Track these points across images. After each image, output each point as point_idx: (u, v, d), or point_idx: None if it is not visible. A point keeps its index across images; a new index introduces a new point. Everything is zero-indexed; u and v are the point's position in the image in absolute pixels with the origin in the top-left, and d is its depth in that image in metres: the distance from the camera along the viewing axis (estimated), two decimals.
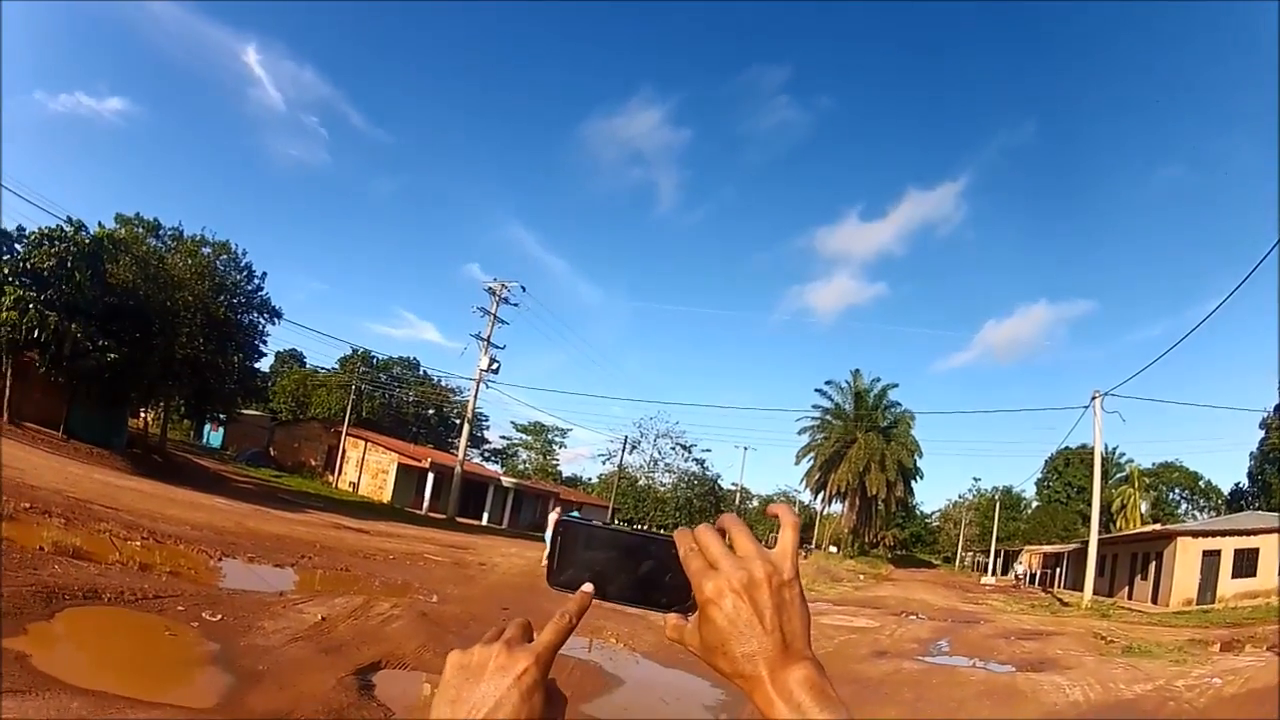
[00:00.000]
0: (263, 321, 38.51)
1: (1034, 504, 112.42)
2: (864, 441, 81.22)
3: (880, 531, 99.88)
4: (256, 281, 37.57)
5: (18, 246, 28.21)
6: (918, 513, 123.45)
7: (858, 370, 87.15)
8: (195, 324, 32.93)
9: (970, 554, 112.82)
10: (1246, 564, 38.40)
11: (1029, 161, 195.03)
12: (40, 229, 28.32)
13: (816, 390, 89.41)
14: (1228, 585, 37.67)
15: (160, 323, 30.79)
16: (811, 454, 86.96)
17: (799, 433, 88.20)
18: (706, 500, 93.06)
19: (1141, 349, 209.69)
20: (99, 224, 30.82)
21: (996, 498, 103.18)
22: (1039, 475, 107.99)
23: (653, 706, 11.65)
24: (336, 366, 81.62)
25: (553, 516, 45.72)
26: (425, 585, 17.07)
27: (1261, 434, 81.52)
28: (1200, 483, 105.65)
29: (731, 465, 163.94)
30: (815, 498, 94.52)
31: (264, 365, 58.46)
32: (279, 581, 13.90)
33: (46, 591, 8.96)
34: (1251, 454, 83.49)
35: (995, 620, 29.75)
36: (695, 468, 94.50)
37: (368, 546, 21.29)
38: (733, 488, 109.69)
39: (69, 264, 27.36)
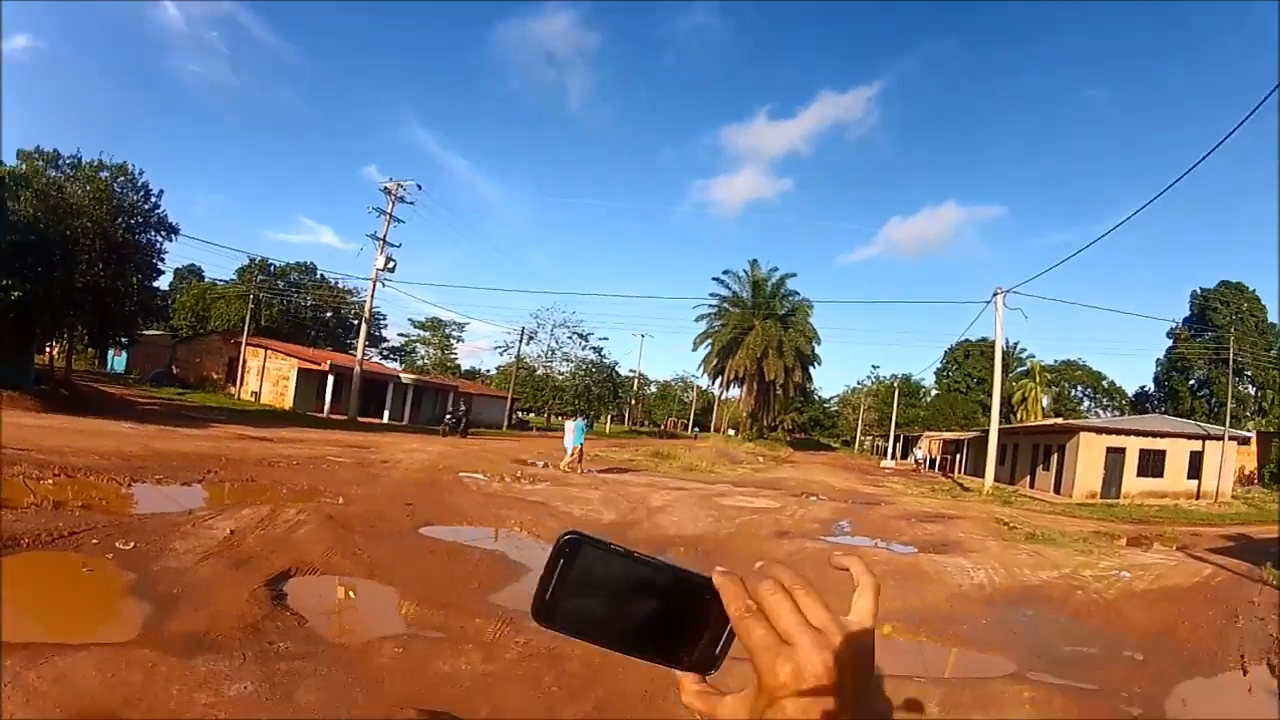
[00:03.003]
0: (160, 240, 37.69)
1: (933, 393, 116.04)
2: (761, 328, 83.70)
3: (779, 415, 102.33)
4: (154, 200, 36.78)
5: None
6: (816, 398, 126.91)
7: (755, 260, 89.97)
8: (95, 250, 32.00)
9: (870, 438, 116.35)
10: (1153, 465, 40.55)
11: (948, 73, 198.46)
12: None
13: (714, 279, 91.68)
14: (1133, 483, 39.83)
15: (60, 253, 29.87)
16: (709, 340, 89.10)
17: (697, 319, 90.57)
18: (604, 387, 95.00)
19: (1049, 254, 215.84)
20: None
21: (896, 385, 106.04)
22: (939, 365, 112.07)
23: None
24: (235, 278, 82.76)
25: (449, 417, 46.76)
26: (330, 488, 17.01)
27: (1169, 343, 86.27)
28: (1104, 382, 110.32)
29: (629, 352, 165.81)
30: (713, 382, 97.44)
31: (163, 284, 58.53)
32: (188, 500, 13.68)
33: None
34: (1158, 361, 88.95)
35: (896, 503, 30.78)
36: (593, 355, 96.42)
37: (272, 454, 21.14)
38: (631, 374, 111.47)
39: None
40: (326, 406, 54.44)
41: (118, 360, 67.74)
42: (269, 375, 56.81)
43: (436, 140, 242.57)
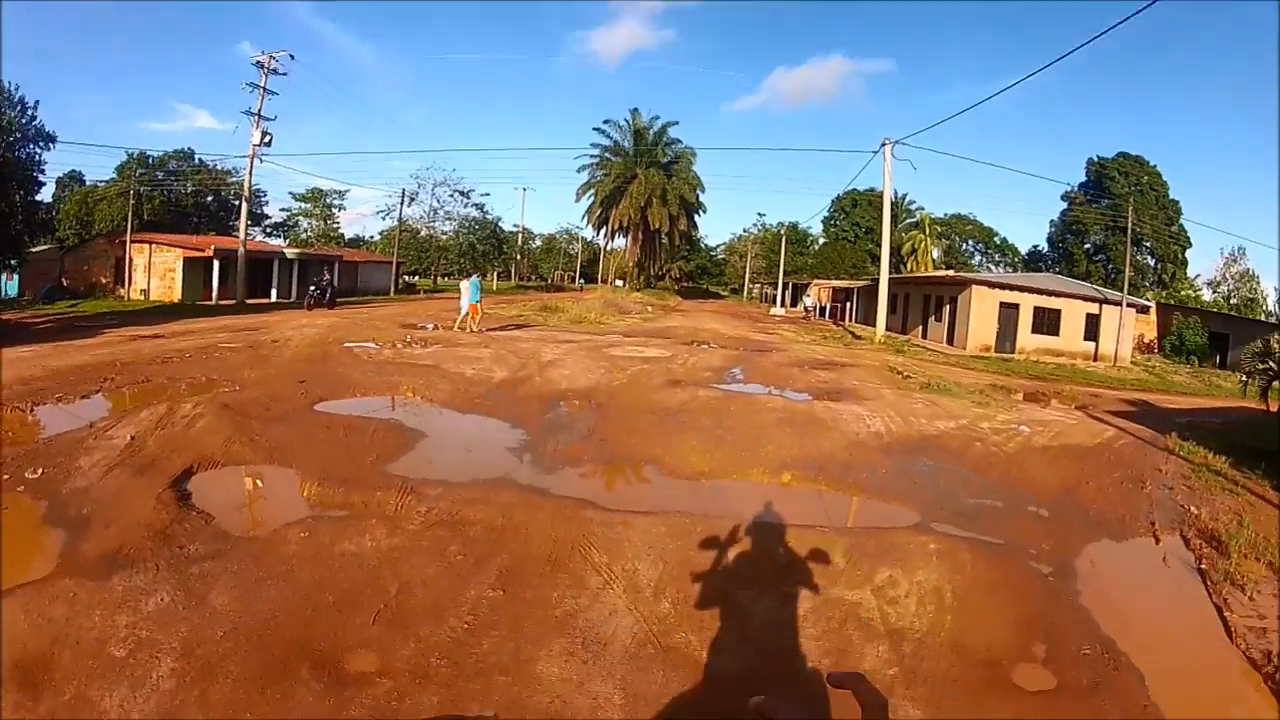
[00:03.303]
0: (39, 151, 35.81)
1: (820, 241, 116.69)
2: (644, 177, 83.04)
3: (666, 265, 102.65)
4: (30, 112, 34.84)
5: None
6: (703, 246, 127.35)
7: (636, 109, 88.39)
8: None
9: (758, 286, 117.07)
10: (1049, 323, 41.21)
11: None
12: None
13: (595, 129, 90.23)
14: (1028, 339, 40.49)
15: None
16: (592, 191, 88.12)
17: (579, 170, 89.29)
18: (489, 244, 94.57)
19: (942, 110, 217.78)
20: None
21: (783, 233, 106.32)
22: (826, 214, 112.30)
23: (458, 455, 11.59)
24: (115, 176, 79.03)
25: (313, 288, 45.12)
26: (223, 376, 16.50)
27: (1064, 206, 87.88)
28: (995, 238, 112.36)
29: (512, 207, 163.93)
30: (598, 234, 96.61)
31: (46, 195, 58.64)
32: (89, 413, 12.95)
33: None
34: (1052, 222, 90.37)
35: (788, 350, 30.83)
36: (476, 213, 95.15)
37: (164, 351, 20.24)
38: (514, 229, 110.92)
39: None
40: (214, 293, 53.21)
41: (10, 285, 64.68)
42: (155, 270, 54.43)
43: (307, 8, 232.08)
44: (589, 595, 6.57)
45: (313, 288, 44.92)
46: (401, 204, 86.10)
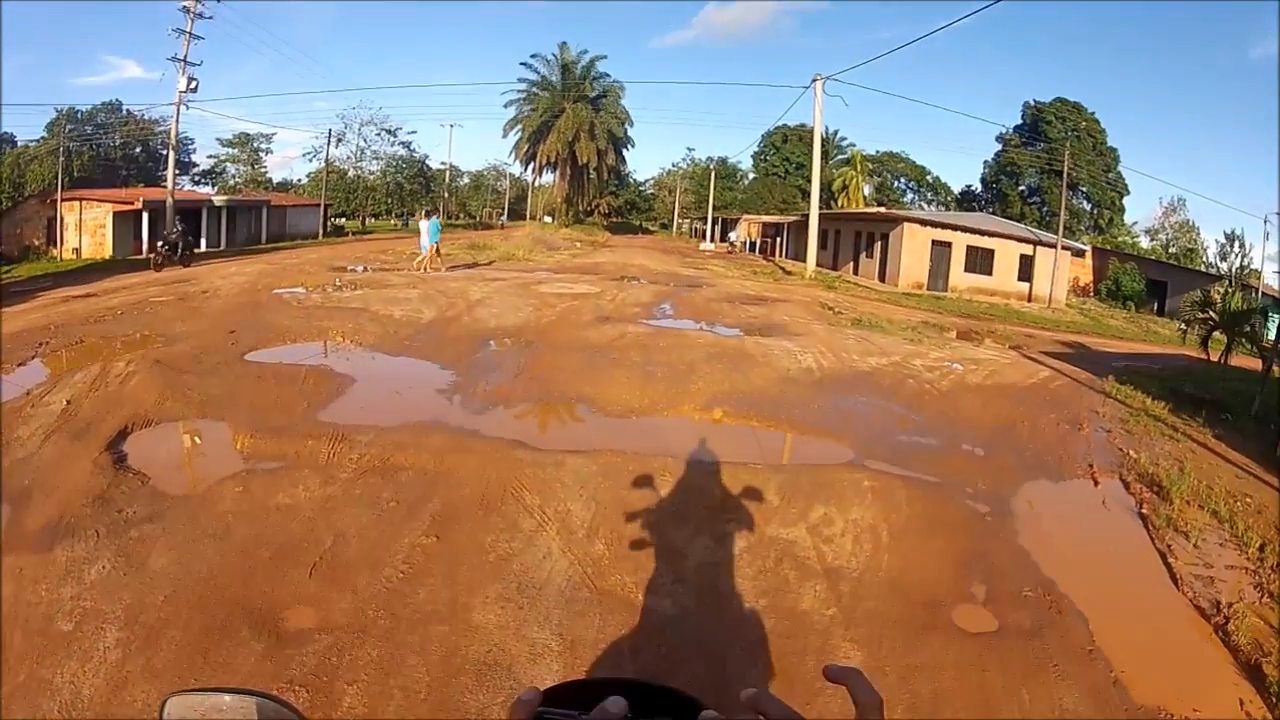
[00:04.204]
0: None
1: (750, 176, 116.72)
2: (572, 112, 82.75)
3: (594, 200, 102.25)
4: None
5: None
6: (631, 181, 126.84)
7: (564, 43, 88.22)
8: None
9: (687, 221, 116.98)
10: (981, 262, 41.51)
11: None
12: None
13: (522, 64, 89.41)
14: (961, 278, 40.74)
15: None
16: (519, 126, 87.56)
17: (505, 105, 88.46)
18: (416, 183, 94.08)
19: (875, 49, 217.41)
20: None
21: (712, 168, 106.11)
22: (756, 149, 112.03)
23: (388, 399, 11.46)
24: (45, 135, 77.75)
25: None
26: (155, 330, 16.14)
27: (999, 148, 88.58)
28: (928, 177, 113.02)
29: (440, 144, 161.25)
30: (525, 169, 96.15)
31: None
32: (26, 380, 12.57)
33: None
34: (986, 163, 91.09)
35: (717, 285, 30.81)
36: (403, 151, 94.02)
37: (97, 310, 19.68)
38: (441, 166, 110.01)
39: None
40: (144, 246, 50.76)
41: None
42: (86, 227, 53.12)
43: None
44: (523, 539, 6.55)
45: (160, 243, 37.62)
46: (328, 145, 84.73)
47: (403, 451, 8.40)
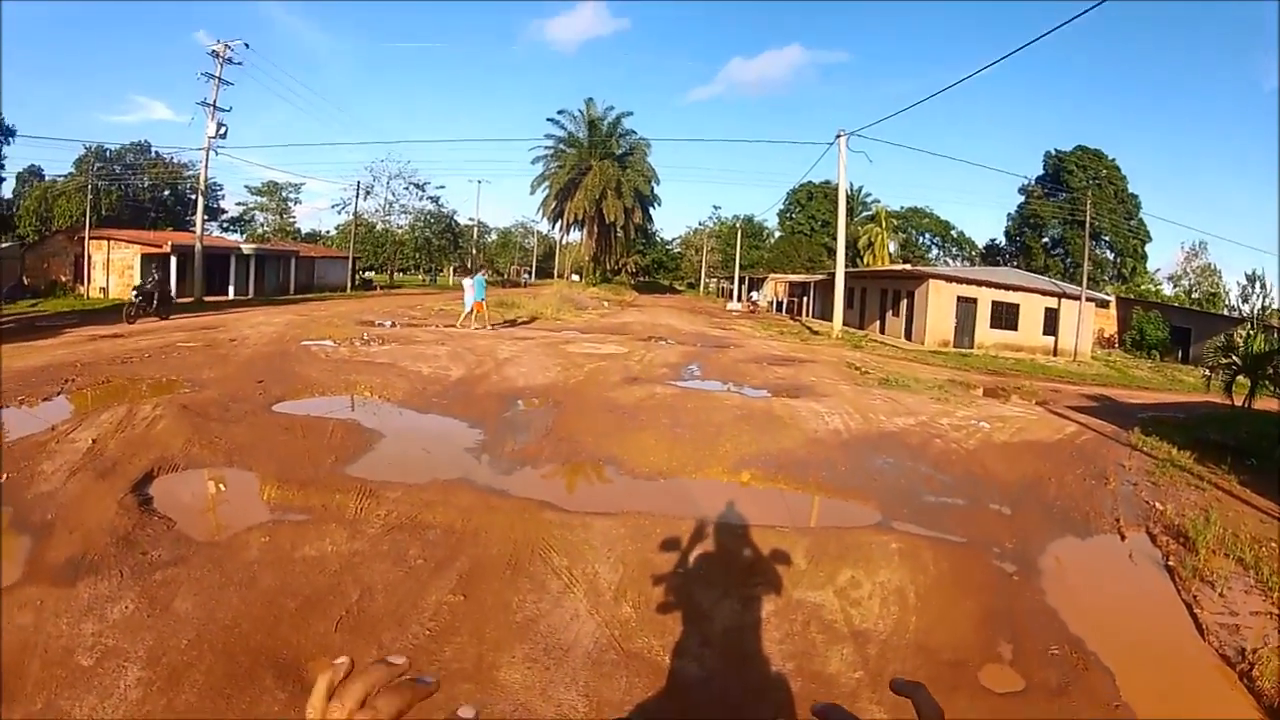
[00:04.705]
0: None
1: (776, 234, 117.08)
2: (599, 169, 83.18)
3: (621, 258, 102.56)
4: None
5: None
6: (658, 239, 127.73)
7: (591, 99, 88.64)
8: None
9: (714, 280, 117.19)
10: (1007, 317, 41.52)
11: None
12: None
13: (549, 120, 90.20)
14: (987, 334, 40.77)
15: None
16: (546, 183, 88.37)
17: (533, 162, 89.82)
18: (444, 238, 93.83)
19: (896, 102, 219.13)
20: None
21: (739, 226, 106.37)
22: (781, 207, 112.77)
23: (416, 456, 11.46)
24: (73, 171, 77.83)
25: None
26: (183, 376, 16.32)
27: (1021, 199, 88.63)
28: (952, 231, 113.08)
29: (467, 200, 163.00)
30: (553, 226, 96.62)
31: (6, 192, 58.36)
32: (51, 415, 12.72)
33: None
34: (1009, 215, 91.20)
35: (745, 346, 30.94)
36: (431, 206, 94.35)
37: (124, 350, 19.97)
38: (470, 222, 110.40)
39: None
40: (173, 290, 51.42)
41: None
42: (114, 267, 53.57)
43: None
44: (550, 599, 6.56)
45: (134, 293, 33.78)
46: (357, 198, 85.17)
47: (431, 509, 8.45)
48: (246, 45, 51.97)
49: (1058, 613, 6.93)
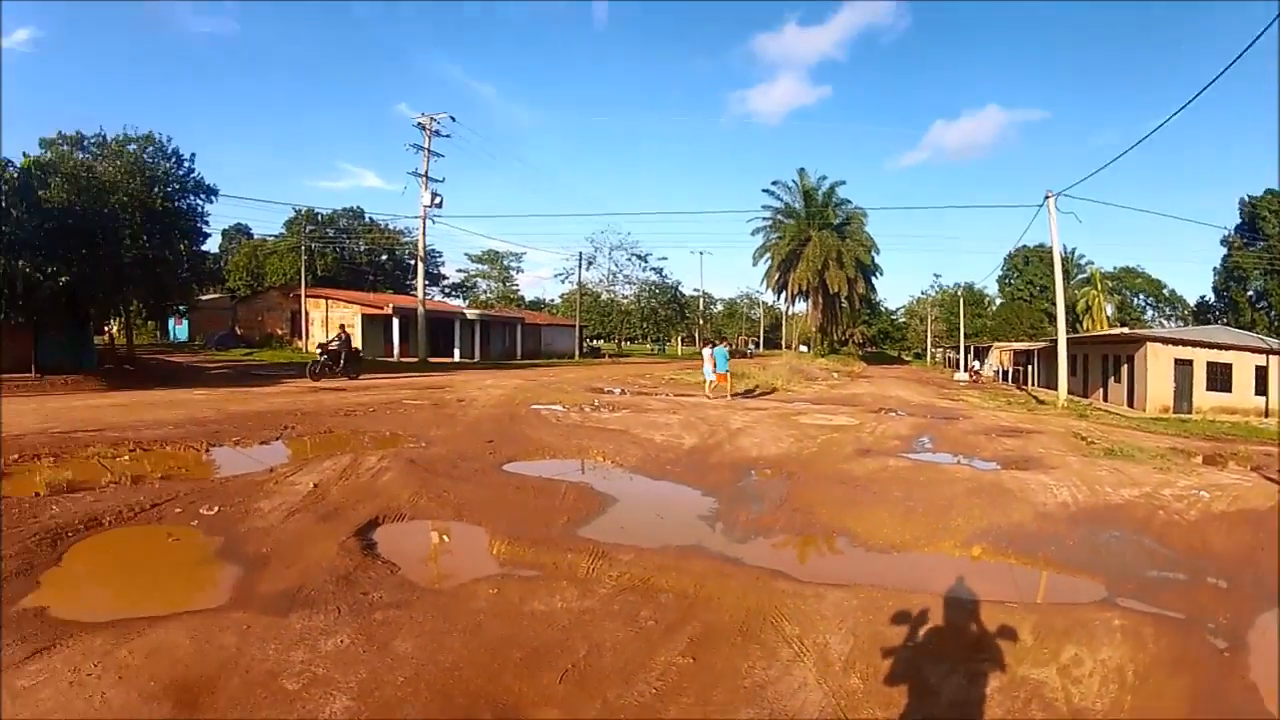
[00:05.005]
0: (200, 202, 36.92)
1: (997, 301, 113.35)
2: (818, 239, 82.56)
3: (848, 329, 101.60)
4: (187, 165, 35.99)
5: None
6: (882, 309, 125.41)
7: (803, 169, 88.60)
8: (136, 223, 31.57)
9: (940, 350, 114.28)
10: (1221, 378, 38.69)
11: None
12: None
13: (764, 191, 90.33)
14: (1204, 397, 38.03)
15: (101, 231, 29.39)
16: (768, 254, 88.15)
17: (752, 234, 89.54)
18: (670, 308, 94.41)
19: (1098, 155, 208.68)
20: (23, 154, 28.80)
21: (960, 294, 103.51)
22: (1000, 273, 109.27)
23: (648, 521, 11.53)
24: (284, 231, 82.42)
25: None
26: (409, 432, 16.90)
27: (1224, 251, 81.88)
28: (1164, 291, 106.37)
29: (689, 271, 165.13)
30: (778, 297, 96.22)
31: (212, 246, 60.51)
32: (268, 458, 13.60)
33: (50, 535, 8.69)
34: (1215, 269, 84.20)
35: (973, 417, 30.02)
36: (655, 276, 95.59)
37: (346, 404, 21.14)
38: (695, 293, 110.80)
39: (2, 203, 25.81)
40: (395, 350, 54.13)
41: (179, 329, 68.48)
42: (333, 325, 55.15)
43: (463, 69, 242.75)
44: (779, 667, 6.51)
45: (320, 352, 34.76)
46: (580, 267, 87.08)
47: (663, 573, 8.46)
48: (453, 118, 53.27)
49: (1258, 689, 6.66)
